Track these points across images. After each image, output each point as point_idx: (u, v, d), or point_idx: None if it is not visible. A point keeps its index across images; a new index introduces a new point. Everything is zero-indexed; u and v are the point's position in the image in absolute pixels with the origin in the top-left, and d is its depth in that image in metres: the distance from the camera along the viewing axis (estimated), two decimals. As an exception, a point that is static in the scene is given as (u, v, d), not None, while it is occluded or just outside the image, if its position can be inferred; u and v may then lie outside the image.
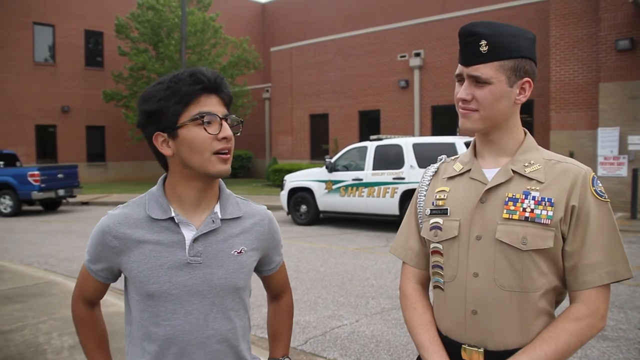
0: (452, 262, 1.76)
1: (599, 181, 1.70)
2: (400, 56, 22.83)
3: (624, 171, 14.54)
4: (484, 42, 1.65)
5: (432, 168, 1.97)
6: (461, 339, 1.74)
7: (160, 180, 1.79)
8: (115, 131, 30.23)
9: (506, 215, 1.66)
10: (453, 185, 1.83)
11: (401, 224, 2.04)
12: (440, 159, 1.98)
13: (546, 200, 1.64)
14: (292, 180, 14.80)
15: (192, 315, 1.68)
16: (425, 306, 1.90)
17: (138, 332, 1.71)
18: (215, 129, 1.64)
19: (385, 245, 11.08)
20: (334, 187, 13.75)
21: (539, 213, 1.63)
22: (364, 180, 13.22)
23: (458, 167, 1.86)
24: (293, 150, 27.00)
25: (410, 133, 21.81)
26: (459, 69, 1.73)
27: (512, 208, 1.66)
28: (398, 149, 12.91)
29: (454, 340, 1.76)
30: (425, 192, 1.92)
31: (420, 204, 1.93)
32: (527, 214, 1.64)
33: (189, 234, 1.70)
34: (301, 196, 14.48)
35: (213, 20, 27.31)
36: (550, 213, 1.63)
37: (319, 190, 14.08)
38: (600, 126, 15.00)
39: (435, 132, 21.21)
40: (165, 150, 1.69)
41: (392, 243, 2.05)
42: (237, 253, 1.76)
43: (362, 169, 13.35)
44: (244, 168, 31.31)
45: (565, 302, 1.76)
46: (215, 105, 1.67)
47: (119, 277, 1.82)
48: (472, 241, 1.72)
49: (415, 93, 22.31)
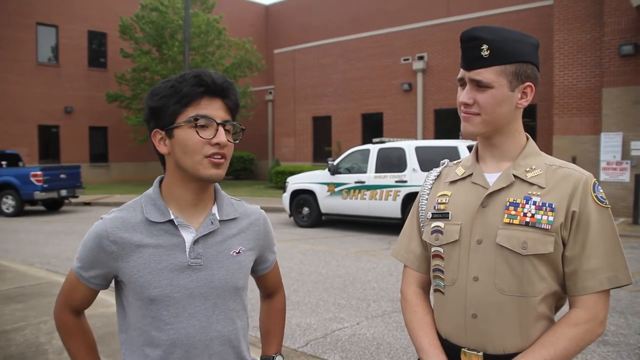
0: (453, 266, 1.76)
1: (600, 187, 1.70)
2: (404, 59, 22.85)
3: (626, 176, 14.52)
4: (485, 47, 1.66)
5: (435, 172, 1.98)
6: (461, 342, 1.74)
7: (156, 182, 1.77)
8: (118, 132, 30.28)
9: (507, 220, 1.67)
10: (455, 190, 1.84)
11: (403, 227, 2.05)
12: (443, 163, 1.99)
13: (547, 205, 1.65)
14: (295, 182, 14.80)
15: (196, 318, 1.67)
16: (426, 309, 1.90)
17: (138, 338, 1.68)
18: (210, 134, 1.63)
19: (387, 248, 11.08)
20: (337, 190, 13.76)
21: (540, 218, 1.64)
22: (366, 183, 13.21)
23: (460, 172, 1.86)
24: (296, 153, 27.02)
25: (413, 136, 21.82)
26: (461, 73, 1.74)
27: (513, 213, 1.67)
28: (401, 152, 12.91)
29: (453, 343, 1.76)
30: (427, 196, 1.93)
31: (422, 207, 1.93)
32: (528, 219, 1.64)
33: (188, 236, 1.69)
34: (303, 198, 14.49)
35: (217, 21, 27.34)
36: (551, 218, 1.63)
37: (321, 193, 14.08)
38: (603, 131, 14.98)
39: (438, 136, 21.22)
40: (162, 148, 1.69)
41: (394, 246, 2.06)
42: (236, 253, 1.76)
43: (365, 172, 13.35)
44: (247, 170, 31.31)
45: (565, 307, 1.76)
46: (216, 109, 1.65)
47: (111, 283, 1.78)
48: (473, 245, 1.72)
49: (418, 96, 22.31)
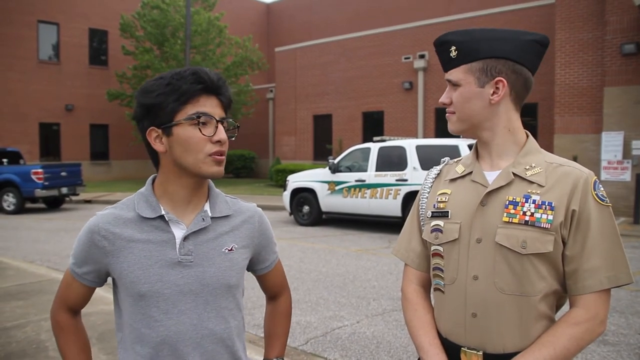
0: (453, 265, 1.76)
1: (600, 185, 1.70)
2: (405, 58, 22.83)
3: (627, 176, 14.51)
4: (453, 48, 1.75)
5: (435, 170, 1.97)
6: (461, 341, 1.74)
7: (149, 180, 1.77)
8: (119, 130, 30.29)
9: (506, 219, 1.66)
10: (455, 188, 1.84)
11: (404, 226, 2.04)
12: (443, 161, 1.99)
13: (546, 204, 1.64)
14: (295, 180, 14.80)
15: (186, 315, 1.66)
16: (426, 308, 1.90)
17: (130, 336, 1.68)
18: (210, 131, 1.63)
19: (387, 247, 11.08)
20: (337, 188, 13.75)
21: (539, 217, 1.63)
22: (366, 182, 13.21)
23: (460, 170, 1.86)
24: (296, 151, 27.02)
25: (414, 135, 21.81)
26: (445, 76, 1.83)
27: (513, 211, 1.66)
28: (401, 150, 12.91)
29: (453, 342, 1.76)
30: (427, 194, 1.93)
31: (422, 205, 1.93)
32: (527, 218, 1.64)
33: (179, 233, 1.68)
34: (304, 197, 14.49)
35: (218, 20, 27.33)
36: (551, 217, 1.62)
37: (321, 191, 14.08)
38: (605, 130, 14.97)
39: (438, 134, 21.22)
40: (158, 147, 1.67)
41: (395, 244, 2.05)
42: (228, 251, 1.74)
43: (365, 170, 13.35)
44: (247, 168, 31.30)
45: (565, 306, 1.76)
46: (213, 107, 1.66)
47: (106, 282, 1.78)
48: (473, 244, 1.72)
49: (419, 95, 22.31)
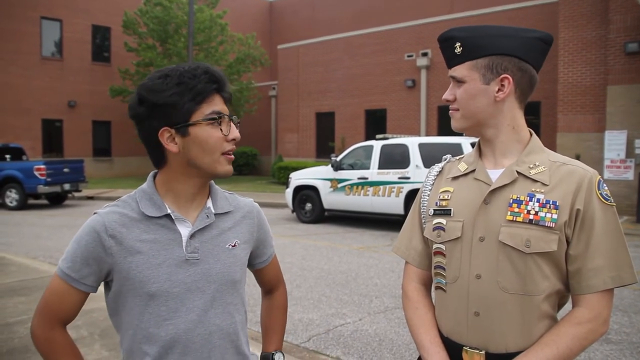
0: (455, 264, 1.75)
1: (605, 184, 1.69)
2: (408, 56, 22.80)
3: (630, 174, 14.48)
4: (458, 44, 1.74)
5: (437, 167, 1.96)
6: (462, 340, 1.73)
7: (151, 177, 1.74)
8: (121, 126, 30.27)
9: (510, 217, 1.65)
10: (457, 186, 1.82)
11: (404, 223, 2.03)
12: (445, 159, 1.97)
13: (551, 203, 1.63)
14: (298, 178, 14.81)
15: (194, 313, 1.66)
16: (427, 306, 1.89)
17: (136, 336, 1.65)
18: (225, 130, 1.64)
19: (389, 245, 11.07)
20: (339, 186, 13.75)
21: (543, 216, 1.62)
22: (369, 179, 13.21)
23: (463, 167, 1.85)
24: (299, 148, 27.00)
25: (417, 133, 21.79)
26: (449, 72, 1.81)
27: (516, 210, 1.65)
28: (404, 148, 12.91)
29: (455, 341, 1.75)
30: (429, 192, 1.91)
31: (424, 203, 1.92)
32: (531, 217, 1.63)
33: (185, 231, 1.67)
34: (306, 194, 14.49)
35: (220, 17, 27.31)
36: (555, 216, 1.61)
37: (324, 189, 14.08)
38: (608, 129, 14.93)
39: (441, 132, 21.18)
40: (172, 147, 1.63)
41: (395, 242, 2.03)
42: (232, 246, 1.75)
43: (368, 168, 13.36)
44: (249, 165, 31.28)
45: (567, 305, 1.76)
46: (222, 104, 1.66)
47: (99, 287, 1.71)
48: (475, 243, 1.71)
49: (422, 93, 22.28)
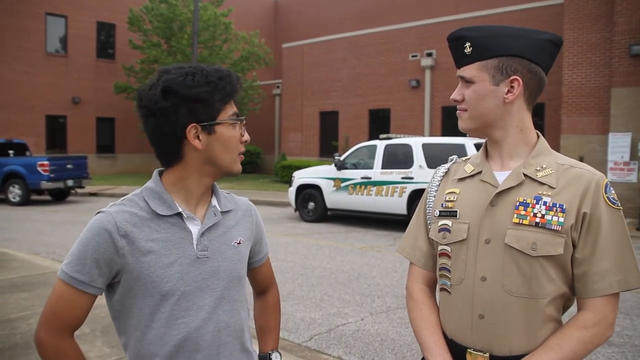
0: (460, 265, 1.74)
1: (611, 188, 1.68)
2: (412, 56, 22.77)
3: (634, 177, 14.44)
4: (468, 44, 1.72)
5: (443, 168, 1.95)
6: (467, 342, 1.73)
7: (156, 175, 1.72)
8: (125, 123, 30.27)
9: (516, 220, 1.65)
10: (463, 187, 1.82)
11: (410, 224, 2.03)
12: (451, 160, 1.97)
13: (557, 206, 1.62)
14: (301, 177, 14.81)
15: (204, 311, 1.67)
16: (432, 308, 1.88)
17: (145, 338, 1.63)
18: (243, 132, 1.73)
19: (392, 244, 11.07)
20: (343, 185, 13.75)
21: (550, 219, 1.61)
22: (372, 179, 13.21)
23: (469, 169, 1.84)
24: (302, 147, 26.99)
25: (420, 133, 21.76)
26: (457, 72, 1.80)
27: (523, 213, 1.65)
28: (407, 148, 12.89)
29: (459, 343, 1.75)
30: (435, 193, 1.91)
31: (429, 204, 1.91)
32: (538, 220, 1.62)
33: (194, 229, 1.68)
34: (309, 193, 14.48)
35: (224, 15, 27.31)
36: (562, 219, 1.61)
37: (327, 188, 14.07)
38: (612, 131, 14.90)
39: (445, 133, 21.15)
40: (197, 144, 1.63)
41: (400, 242, 2.03)
42: (237, 244, 1.78)
43: (371, 168, 13.35)
44: (253, 164, 31.27)
45: (572, 309, 1.75)
46: (235, 107, 1.72)
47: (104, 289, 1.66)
48: (481, 245, 1.70)
49: (426, 93, 22.25)
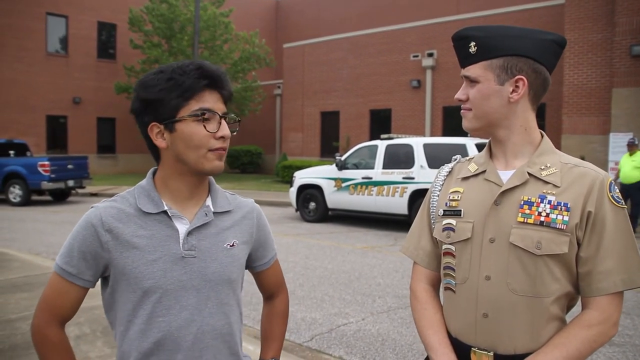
0: (464, 264, 1.74)
1: (616, 187, 1.68)
2: (413, 56, 22.78)
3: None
4: (472, 44, 1.71)
5: (447, 168, 1.95)
6: (471, 341, 1.72)
7: (150, 174, 1.74)
8: (126, 123, 30.28)
9: (521, 219, 1.64)
10: (467, 186, 1.81)
11: (413, 224, 2.02)
12: (455, 159, 1.96)
13: (562, 204, 1.62)
14: (302, 177, 14.81)
15: (187, 311, 1.65)
16: (436, 307, 1.88)
17: (131, 331, 1.65)
18: (214, 127, 1.63)
19: (393, 245, 11.07)
20: (344, 185, 13.75)
21: (555, 218, 1.61)
22: (373, 179, 13.20)
23: (473, 168, 1.84)
24: (303, 147, 27.00)
25: (421, 133, 21.77)
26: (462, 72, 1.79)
27: (527, 212, 1.64)
28: (408, 148, 12.89)
29: (463, 342, 1.75)
30: (438, 192, 1.90)
31: (433, 203, 1.91)
32: (543, 218, 1.62)
33: (182, 228, 1.66)
34: (310, 193, 14.49)
35: (225, 16, 27.32)
36: (566, 218, 1.61)
37: (328, 188, 14.07)
38: (612, 131, 14.91)
39: (446, 133, 21.16)
40: (160, 142, 1.65)
41: (404, 242, 2.02)
42: (230, 246, 1.73)
43: (372, 168, 13.34)
44: (254, 164, 31.32)
45: (576, 308, 1.74)
46: (216, 102, 1.65)
47: (97, 282, 1.71)
48: (485, 244, 1.70)
49: (427, 93, 22.25)
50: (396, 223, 13.55)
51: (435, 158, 12.13)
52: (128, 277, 1.62)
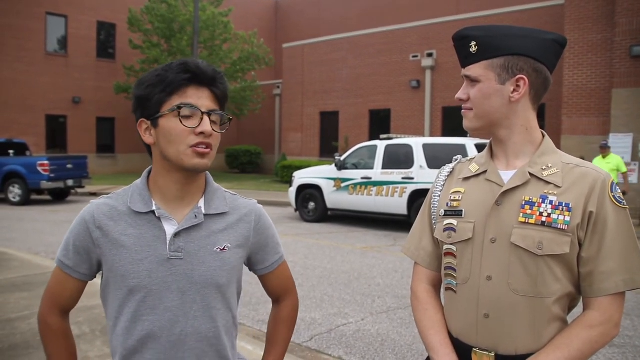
0: (466, 265, 1.73)
1: (617, 187, 1.67)
2: (413, 56, 22.77)
3: (634, 178, 14.44)
4: (473, 44, 1.71)
5: (447, 168, 1.94)
6: (472, 342, 1.72)
7: (145, 173, 1.75)
8: (126, 123, 30.27)
9: (522, 219, 1.64)
10: (468, 187, 1.81)
11: (414, 224, 2.01)
12: (456, 159, 1.96)
13: (564, 205, 1.62)
14: (301, 177, 14.81)
15: (171, 312, 1.64)
16: (437, 308, 1.88)
17: (118, 328, 1.67)
18: (194, 123, 1.60)
19: (392, 245, 11.06)
20: (343, 185, 13.75)
21: (556, 218, 1.61)
22: (373, 179, 13.20)
23: (474, 168, 1.83)
24: (302, 147, 26.99)
25: (421, 133, 21.77)
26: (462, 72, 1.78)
27: (529, 212, 1.64)
28: (408, 148, 12.89)
29: (464, 343, 1.74)
30: (439, 193, 1.90)
31: (434, 204, 1.90)
32: (544, 219, 1.61)
33: (170, 229, 1.65)
34: (310, 193, 14.48)
35: (223, 15, 27.32)
36: (568, 218, 1.60)
37: (327, 188, 14.07)
38: (612, 132, 14.90)
39: (445, 133, 21.16)
40: (147, 139, 1.67)
41: (405, 243, 2.02)
42: (220, 250, 1.70)
43: (372, 168, 13.34)
44: (253, 164, 31.32)
45: (577, 309, 1.74)
46: (202, 98, 1.62)
47: (96, 275, 1.76)
48: (487, 244, 1.69)
49: (426, 93, 22.25)
50: (396, 223, 13.55)
51: (435, 158, 12.14)
52: (115, 275, 1.65)
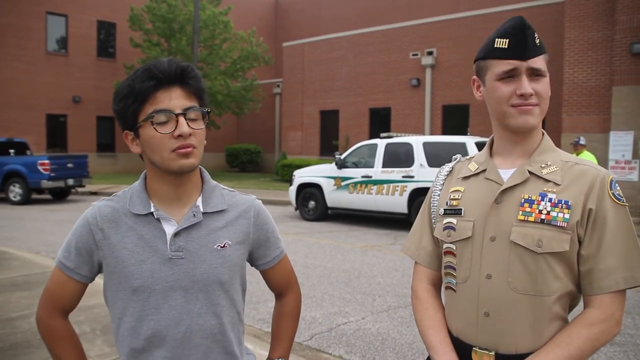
0: (465, 263, 1.73)
1: (617, 184, 1.66)
2: (413, 54, 22.76)
3: (635, 175, 14.44)
4: (536, 35, 1.65)
5: (447, 167, 1.94)
6: (472, 341, 1.71)
7: (143, 175, 1.76)
8: (126, 122, 30.27)
9: (522, 217, 1.63)
10: (468, 185, 1.80)
11: (414, 224, 2.01)
12: (455, 158, 1.95)
13: (563, 202, 1.61)
14: (301, 175, 14.81)
15: (176, 311, 1.65)
16: (437, 307, 1.87)
17: (122, 328, 1.68)
18: (171, 127, 1.58)
19: (393, 243, 11.06)
20: (343, 184, 13.74)
21: (555, 215, 1.60)
22: (373, 178, 13.20)
23: (473, 167, 1.83)
24: (302, 146, 26.99)
25: (421, 132, 21.76)
26: (510, 64, 1.64)
27: (528, 210, 1.63)
28: (408, 147, 12.88)
29: (465, 342, 1.73)
30: (439, 192, 1.89)
31: (434, 203, 1.90)
32: (543, 216, 1.61)
33: (169, 229, 1.67)
34: (310, 192, 14.48)
35: (223, 14, 27.30)
36: (567, 216, 1.59)
37: (327, 187, 14.07)
38: (613, 130, 14.90)
39: (445, 132, 21.16)
40: (135, 149, 1.68)
41: (405, 242, 2.01)
42: (221, 247, 1.71)
43: (372, 167, 13.34)
44: (253, 162, 31.34)
45: (578, 307, 1.73)
46: (173, 99, 1.60)
47: (96, 277, 1.76)
48: (486, 242, 1.69)
49: (426, 92, 22.24)
50: (396, 222, 13.54)
51: (435, 156, 12.13)
52: (118, 276, 1.66)
